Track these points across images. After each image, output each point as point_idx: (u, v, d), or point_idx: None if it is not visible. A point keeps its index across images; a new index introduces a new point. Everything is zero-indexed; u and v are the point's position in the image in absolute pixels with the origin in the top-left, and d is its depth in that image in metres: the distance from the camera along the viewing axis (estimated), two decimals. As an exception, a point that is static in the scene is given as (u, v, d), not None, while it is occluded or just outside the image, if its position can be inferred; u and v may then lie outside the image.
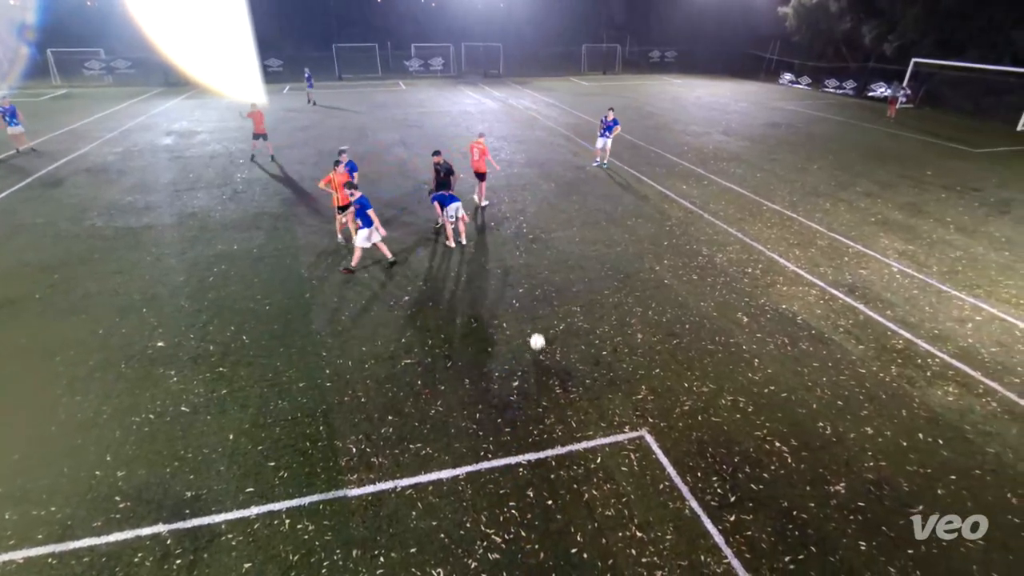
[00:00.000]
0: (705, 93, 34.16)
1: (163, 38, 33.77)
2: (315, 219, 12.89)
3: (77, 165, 16.88)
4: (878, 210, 13.85)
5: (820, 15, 35.74)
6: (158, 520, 5.33)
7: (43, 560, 4.94)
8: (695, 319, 8.88)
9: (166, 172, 16.26)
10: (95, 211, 13.13)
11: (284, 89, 32.22)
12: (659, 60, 47.95)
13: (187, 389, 7.14)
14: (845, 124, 25.20)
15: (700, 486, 5.81)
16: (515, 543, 5.16)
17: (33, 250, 11.02)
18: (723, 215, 13.34)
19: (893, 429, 6.64)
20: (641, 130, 22.69)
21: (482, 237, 11.97)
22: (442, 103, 29.18)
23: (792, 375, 7.58)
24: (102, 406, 6.81)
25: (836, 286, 10.00)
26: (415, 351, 7.98)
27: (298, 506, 5.51)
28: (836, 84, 35.45)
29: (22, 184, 14.97)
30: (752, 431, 6.57)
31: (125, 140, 20.17)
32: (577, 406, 6.94)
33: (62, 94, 30.90)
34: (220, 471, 5.91)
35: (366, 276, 10.18)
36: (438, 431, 6.50)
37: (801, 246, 11.66)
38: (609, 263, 10.77)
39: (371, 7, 54.76)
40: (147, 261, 10.65)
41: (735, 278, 10.25)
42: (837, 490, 5.79)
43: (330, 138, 20.76)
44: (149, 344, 8.06)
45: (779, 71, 40.82)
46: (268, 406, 6.87)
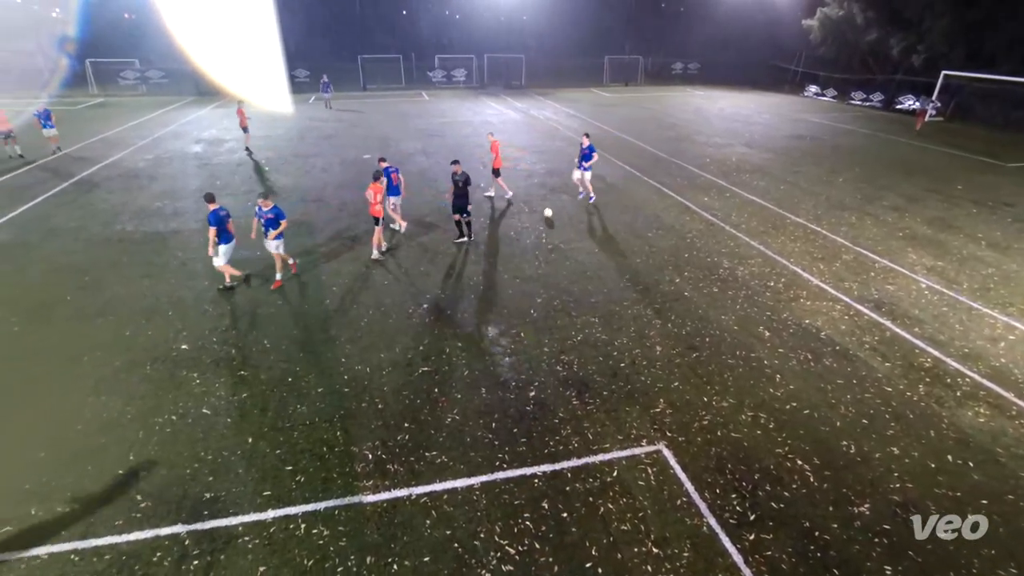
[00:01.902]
0: (728, 105, 33.93)
1: (195, 49, 34.75)
2: (337, 227, 13.07)
3: (110, 171, 17.40)
4: (906, 224, 13.55)
5: (846, 27, 35.33)
6: (177, 521, 5.41)
7: (66, 556, 5.04)
8: (715, 333, 8.76)
9: (194, 179, 16.68)
10: (126, 216, 13.50)
11: (310, 99, 32.87)
12: (682, 72, 47.84)
13: (209, 392, 7.26)
14: (872, 137, 24.79)
15: (719, 503, 5.69)
16: (529, 555, 5.11)
17: (65, 253, 11.35)
18: (745, 228, 13.18)
19: (921, 450, 6.44)
20: (662, 142, 22.60)
21: (501, 247, 12.00)
22: (464, 113, 29.46)
23: (815, 392, 7.42)
24: (126, 407, 6.96)
25: (862, 301, 9.79)
26: (432, 359, 8.01)
27: (314, 511, 5.54)
28: (863, 96, 34.93)
29: (57, 189, 15.48)
30: (773, 448, 6.43)
31: (156, 147, 20.75)
32: (594, 418, 6.87)
33: (98, 103, 31.96)
34: (238, 473, 5.98)
35: (386, 284, 10.26)
36: (454, 439, 6.49)
37: (825, 260, 11.45)
38: (628, 274, 10.71)
39: (396, 19, 55.76)
40: (173, 265, 10.89)
41: (757, 292, 10.10)
42: (861, 511, 5.62)
43: (354, 147, 21.09)
44: (173, 347, 8.22)
45: (804, 83, 40.41)
46: (287, 410, 6.94)
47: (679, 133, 24.58)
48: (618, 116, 29.09)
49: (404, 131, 24.32)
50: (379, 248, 11.40)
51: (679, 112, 30.95)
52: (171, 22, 36.10)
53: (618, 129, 25.19)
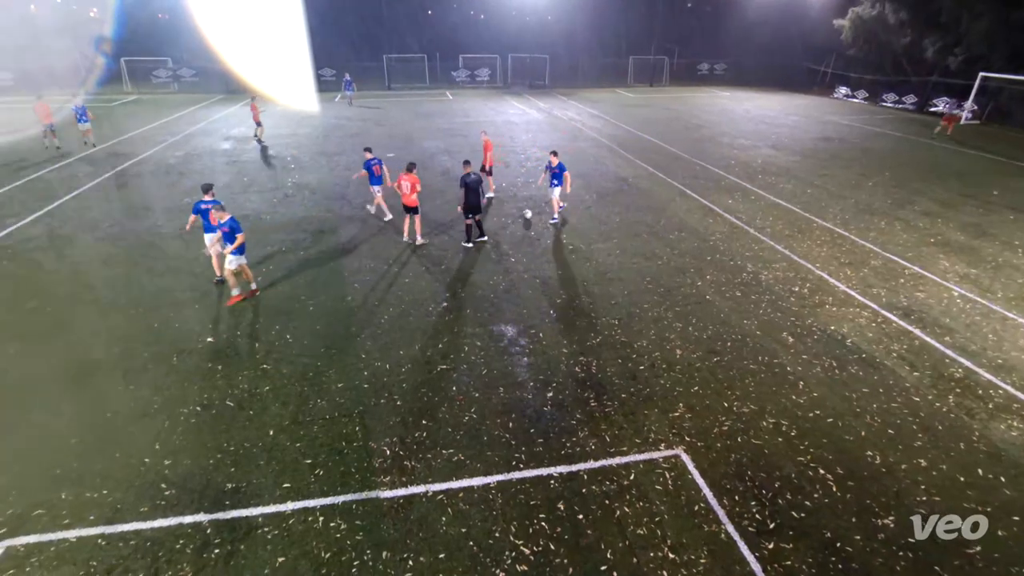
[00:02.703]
0: (754, 106, 33.41)
1: (225, 49, 35.56)
2: (359, 224, 13.22)
3: (143, 167, 17.88)
4: (938, 230, 13.17)
5: (879, 28, 34.46)
6: (200, 509, 5.53)
7: (93, 540, 5.19)
8: (737, 337, 8.63)
9: (223, 175, 17.03)
10: (157, 210, 13.86)
11: (336, 98, 33.29)
12: (708, 72, 47.26)
13: (232, 384, 7.41)
14: (904, 140, 24.16)
15: (738, 510, 5.61)
16: (544, 556, 5.10)
17: (99, 246, 11.70)
18: (770, 231, 12.96)
19: (949, 463, 6.26)
20: (686, 143, 22.36)
21: (521, 247, 12.00)
22: (487, 113, 29.54)
23: (840, 400, 7.26)
24: (153, 397, 7.14)
25: (890, 309, 9.55)
26: (451, 357, 8.05)
27: (332, 504, 5.61)
28: (895, 98, 34.07)
29: (93, 183, 15.95)
30: (795, 456, 6.32)
31: (187, 144, 21.24)
32: (612, 420, 6.83)
33: (132, 100, 32.86)
34: (259, 465, 6.09)
35: (407, 281, 10.35)
36: (471, 438, 6.52)
37: (853, 266, 11.20)
38: (649, 276, 10.62)
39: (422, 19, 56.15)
40: (202, 260, 11.13)
41: (781, 296, 9.93)
42: (886, 524, 5.48)
43: (378, 146, 21.22)
44: (199, 339, 8.41)
45: (834, 84, 39.54)
46: (307, 404, 7.05)
47: (704, 134, 24.28)
48: (641, 116, 28.85)
49: (427, 130, 24.48)
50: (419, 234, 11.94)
51: (704, 113, 30.58)
52: (203, 22, 37.07)
53: (641, 129, 25.00)
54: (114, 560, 5.00)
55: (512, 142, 22.11)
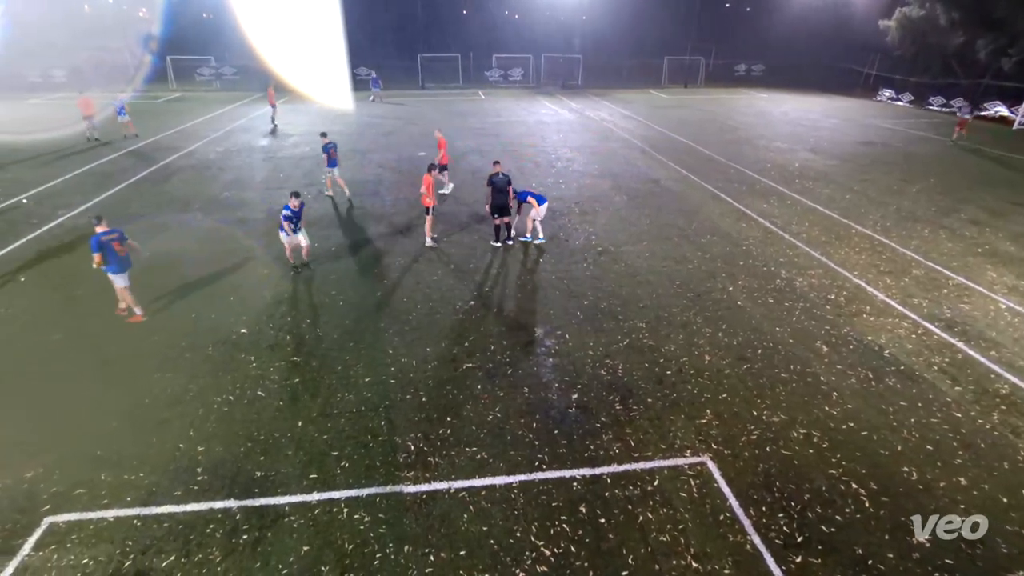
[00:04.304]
0: (793, 108, 32.58)
1: (266, 47, 36.50)
2: (389, 221, 13.39)
3: (184, 161, 18.49)
4: (986, 240, 12.62)
5: (927, 28, 33.15)
6: (230, 496, 5.69)
7: (129, 521, 5.39)
8: (769, 344, 8.44)
9: (260, 171, 17.48)
10: (196, 204, 14.31)
11: (370, 97, 33.76)
12: (745, 74, 46.28)
13: (264, 375, 7.60)
14: (952, 145, 23.20)
15: (764, 521, 5.48)
16: (564, 558, 5.08)
17: (141, 238, 12.06)
18: (806, 237, 12.62)
19: (992, 482, 5.99)
20: (721, 145, 21.95)
21: (550, 247, 11.97)
22: (519, 113, 29.55)
23: (875, 413, 7.03)
24: (189, 384, 7.38)
25: (932, 320, 9.19)
26: (477, 356, 8.08)
27: (356, 497, 5.70)
28: (943, 102, 32.75)
29: (137, 177, 16.56)
30: (826, 469, 6.14)
31: (227, 140, 21.87)
32: (637, 425, 6.76)
33: (176, 97, 33.99)
34: (288, 455, 6.23)
35: (435, 279, 10.44)
36: (494, 437, 6.54)
37: (893, 274, 10.82)
38: (679, 280, 10.46)
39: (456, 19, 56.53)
40: (237, 253, 11.45)
41: (816, 304, 9.66)
42: (921, 543, 5.28)
43: (410, 144, 21.55)
44: (233, 330, 8.65)
45: (877, 87, 38.24)
46: (335, 397, 7.18)
47: (739, 136, 23.79)
48: (675, 118, 28.44)
49: (459, 130, 24.62)
50: (431, 236, 11.87)
51: (740, 115, 29.96)
52: (245, 22, 38.14)
53: (674, 131, 24.64)
54: (148, 541, 5.19)
55: (543, 142, 22.07)
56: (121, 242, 8.51)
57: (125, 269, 8.59)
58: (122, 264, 8.52)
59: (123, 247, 8.53)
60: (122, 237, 8.57)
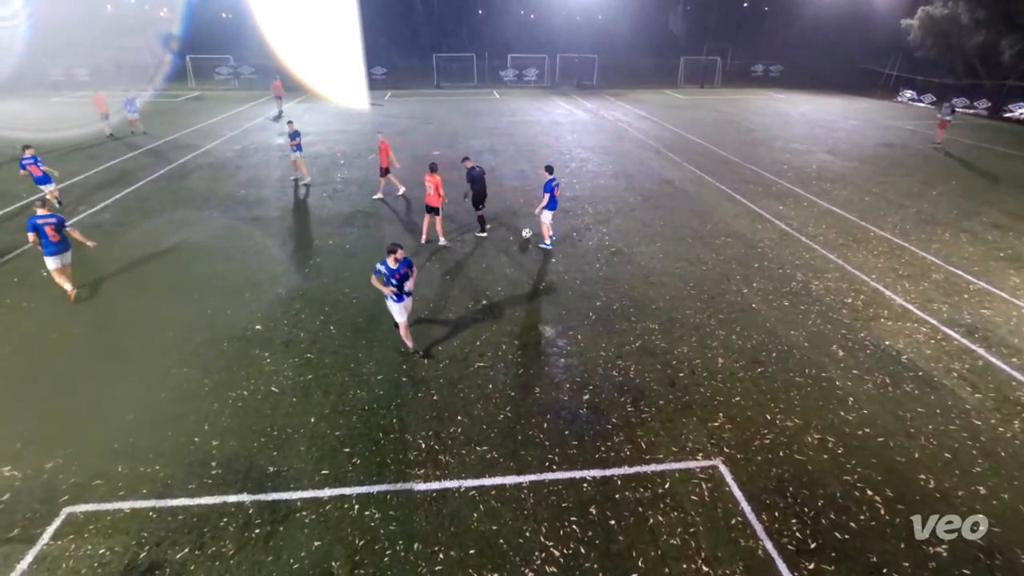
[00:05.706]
0: (811, 109, 32.17)
1: (283, 47, 36.91)
2: (403, 219, 13.46)
3: (202, 160, 18.74)
4: (1008, 244, 12.36)
5: (951, 28, 32.52)
6: (243, 490, 5.76)
7: (145, 512, 5.48)
8: (783, 348, 8.34)
9: (276, 169, 17.66)
10: (213, 201, 14.50)
11: (386, 96, 33.98)
12: (762, 74, 45.84)
13: (278, 371, 7.68)
14: (974, 147, 22.75)
15: (777, 526, 5.42)
16: (574, 559, 5.07)
17: (158, 235, 12.32)
18: (823, 240, 12.46)
19: (1012, 492, 5.86)
20: (737, 146, 21.74)
21: (563, 247, 11.94)
22: (533, 113, 29.53)
23: (892, 419, 6.92)
24: (204, 379, 7.48)
25: (952, 325, 9.02)
26: (488, 355, 8.09)
27: (367, 493, 5.74)
28: (966, 103, 32.14)
29: (156, 174, 16.83)
30: (840, 475, 6.06)
31: (244, 139, 22.13)
32: (648, 427, 6.72)
33: (195, 96, 34.46)
34: (300, 451, 6.29)
35: (447, 278, 10.47)
36: (505, 436, 6.54)
37: (912, 279, 10.64)
38: (693, 282, 10.38)
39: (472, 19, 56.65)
40: (253, 250, 11.58)
41: (832, 308, 9.53)
42: (937, 552, 5.19)
43: (425, 143, 21.63)
44: (248, 327, 8.74)
45: (898, 88, 37.62)
46: (348, 394, 7.23)
47: (755, 137, 23.55)
48: (691, 118, 28.23)
49: (474, 129, 24.67)
50: (440, 236, 11.92)
51: (757, 116, 29.65)
52: (263, 22, 38.59)
53: (690, 132, 24.46)
54: (163, 533, 5.27)
55: (557, 142, 22.03)
56: (57, 229, 8.95)
57: (57, 253, 9.06)
58: (53, 248, 9.00)
59: (57, 234, 8.95)
60: (59, 224, 9.02)
